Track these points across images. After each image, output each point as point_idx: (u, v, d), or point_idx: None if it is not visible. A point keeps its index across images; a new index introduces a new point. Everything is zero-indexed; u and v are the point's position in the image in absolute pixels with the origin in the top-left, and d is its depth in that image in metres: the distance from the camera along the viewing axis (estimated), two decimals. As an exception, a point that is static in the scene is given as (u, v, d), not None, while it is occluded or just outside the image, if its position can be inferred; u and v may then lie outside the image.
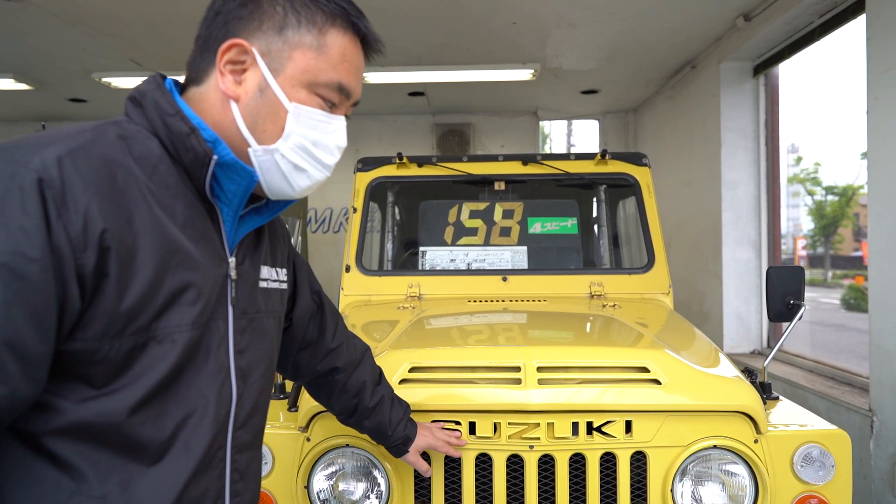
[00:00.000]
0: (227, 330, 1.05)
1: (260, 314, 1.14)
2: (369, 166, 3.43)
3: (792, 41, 4.44)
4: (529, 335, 2.29)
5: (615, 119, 7.89)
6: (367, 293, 3.17)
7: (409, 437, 1.65)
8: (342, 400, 1.56)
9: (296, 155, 1.05)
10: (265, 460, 1.91)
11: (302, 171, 1.07)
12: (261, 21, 1.02)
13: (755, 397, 1.84)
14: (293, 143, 1.04)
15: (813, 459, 1.82)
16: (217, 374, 1.02)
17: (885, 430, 3.17)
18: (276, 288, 1.22)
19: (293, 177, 1.07)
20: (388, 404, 1.61)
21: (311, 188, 1.12)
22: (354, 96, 1.14)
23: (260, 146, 1.04)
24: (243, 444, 1.10)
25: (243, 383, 1.08)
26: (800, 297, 2.26)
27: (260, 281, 1.16)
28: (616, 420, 1.79)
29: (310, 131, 1.05)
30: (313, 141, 1.06)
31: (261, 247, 1.18)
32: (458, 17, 4.63)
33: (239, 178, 1.03)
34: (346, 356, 1.53)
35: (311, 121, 1.05)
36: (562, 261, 3.47)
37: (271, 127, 1.03)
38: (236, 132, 1.04)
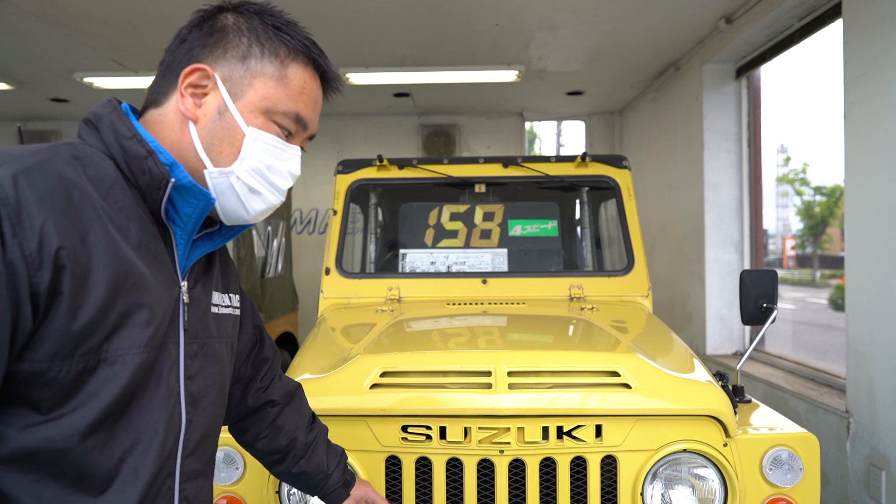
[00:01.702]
0: (178, 354, 1.03)
1: (212, 339, 1.13)
2: (350, 168, 3.42)
3: (773, 44, 4.46)
4: (504, 339, 2.29)
5: (601, 120, 7.91)
6: (347, 296, 3.16)
7: (348, 482, 1.55)
8: (273, 439, 1.45)
9: (251, 178, 1.06)
10: (236, 465, 1.91)
11: (257, 193, 1.08)
12: (225, 49, 1.05)
13: (725, 401, 1.85)
14: (249, 166, 1.06)
15: (782, 462, 1.83)
16: (167, 399, 1.00)
17: (861, 432, 3.19)
18: (228, 314, 1.21)
19: (248, 200, 1.08)
20: (324, 444, 1.52)
21: (265, 213, 1.12)
22: (311, 129, 1.16)
23: (216, 168, 1.05)
24: (192, 472, 1.07)
25: (193, 409, 1.06)
26: (773, 300, 2.27)
27: (212, 306, 1.15)
28: (586, 424, 1.80)
29: (265, 156, 1.07)
30: (268, 165, 1.07)
31: (212, 272, 1.18)
32: (441, 18, 4.63)
33: (195, 201, 1.03)
34: (279, 390, 1.47)
35: (266, 146, 1.07)
36: (542, 263, 3.47)
37: (228, 149, 1.05)
38: (193, 154, 1.04)
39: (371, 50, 5.32)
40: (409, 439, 1.82)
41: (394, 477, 1.86)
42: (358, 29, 4.82)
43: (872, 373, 3.09)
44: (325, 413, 1.86)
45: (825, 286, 27.15)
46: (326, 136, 7.85)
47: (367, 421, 1.84)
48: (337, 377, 1.93)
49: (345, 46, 5.21)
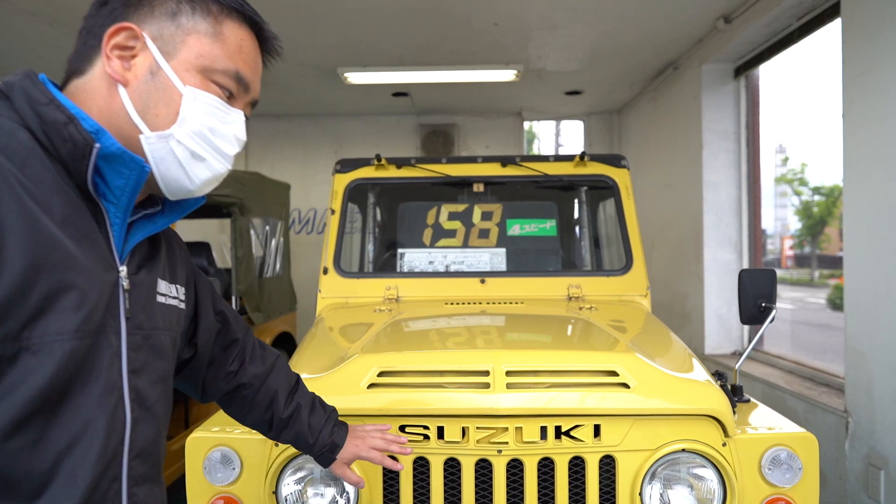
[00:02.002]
0: (119, 346, 0.95)
1: (157, 331, 1.04)
2: (347, 168, 3.42)
3: (771, 43, 4.46)
4: (502, 338, 2.28)
5: (600, 120, 7.91)
6: (345, 295, 3.15)
7: (335, 444, 1.50)
8: (254, 415, 1.45)
9: (193, 142, 0.98)
10: (233, 465, 1.90)
11: (200, 159, 1.00)
12: (151, 8, 0.97)
13: (723, 401, 1.84)
14: (189, 128, 0.98)
15: (780, 462, 1.82)
16: (108, 394, 0.91)
17: (859, 431, 3.19)
18: (173, 305, 1.13)
19: (191, 167, 0.99)
20: (307, 411, 1.48)
21: (210, 182, 1.04)
22: (253, 92, 1.09)
23: (153, 132, 0.96)
24: (140, 475, 0.99)
25: (139, 407, 0.98)
26: (771, 299, 2.26)
27: (158, 295, 1.07)
28: (584, 424, 1.79)
29: (207, 117, 0.99)
30: (211, 128, 1.00)
31: (157, 259, 1.09)
32: (439, 17, 4.62)
33: (127, 171, 0.93)
34: (251, 371, 1.42)
35: (207, 107, 0.99)
36: (540, 263, 3.47)
37: (164, 111, 0.97)
38: (125, 119, 0.96)
39: (369, 49, 5.31)
40: (407, 439, 1.81)
41: (391, 477, 1.85)
42: (356, 28, 4.81)
43: (871, 372, 3.09)
44: (322, 413, 1.85)
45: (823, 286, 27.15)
46: (324, 136, 7.84)
47: (365, 421, 1.83)
48: (334, 377, 1.92)
49: (343, 46, 5.20)
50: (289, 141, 7.86)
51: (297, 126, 7.83)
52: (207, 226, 6.96)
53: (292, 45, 5.19)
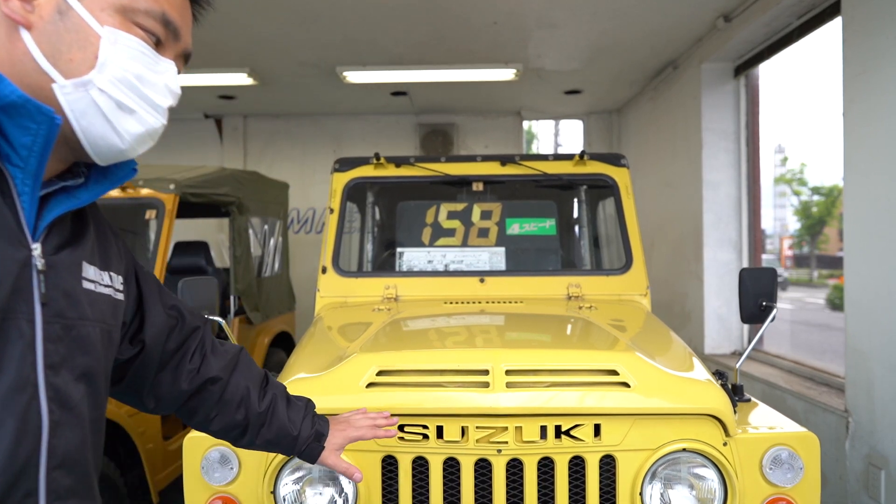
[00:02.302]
0: (33, 335, 0.81)
1: (83, 321, 0.90)
2: (346, 167, 3.41)
3: (771, 42, 4.45)
4: (501, 337, 2.27)
5: (599, 119, 7.90)
6: (344, 295, 3.14)
7: (320, 433, 1.35)
8: (226, 415, 1.26)
9: (117, 90, 0.86)
10: (231, 465, 1.89)
11: (129, 111, 0.87)
12: None
13: (724, 400, 1.83)
14: (112, 74, 0.85)
15: (782, 462, 1.81)
16: (19, 391, 0.79)
17: (860, 431, 3.18)
18: (106, 294, 0.97)
19: (118, 119, 0.87)
20: (284, 403, 1.33)
21: (143, 139, 0.91)
22: (184, 41, 0.96)
23: (68, 80, 0.84)
24: (65, 489, 0.85)
25: (59, 408, 0.84)
26: (772, 298, 2.26)
27: (84, 280, 0.92)
28: (585, 423, 1.78)
29: (132, 63, 0.87)
30: (138, 75, 0.88)
31: (84, 240, 0.94)
32: (439, 16, 4.61)
33: (35, 126, 0.80)
34: (216, 364, 1.26)
35: (132, 51, 0.87)
36: (540, 262, 3.46)
37: (80, 55, 0.84)
38: (32, 67, 0.83)
39: (368, 48, 5.30)
40: (406, 439, 1.80)
41: (390, 477, 1.84)
42: (355, 27, 4.80)
43: (871, 372, 3.08)
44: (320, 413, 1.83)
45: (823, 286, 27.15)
46: (323, 136, 7.83)
47: (364, 420, 1.81)
48: (333, 376, 1.91)
49: (342, 44, 5.19)
50: (287, 140, 7.85)
51: (296, 125, 7.82)
52: (206, 225, 6.94)
53: (291, 44, 5.17)
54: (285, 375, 2.06)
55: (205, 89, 6.42)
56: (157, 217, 3.58)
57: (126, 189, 3.62)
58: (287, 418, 1.31)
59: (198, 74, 5.72)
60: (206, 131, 7.82)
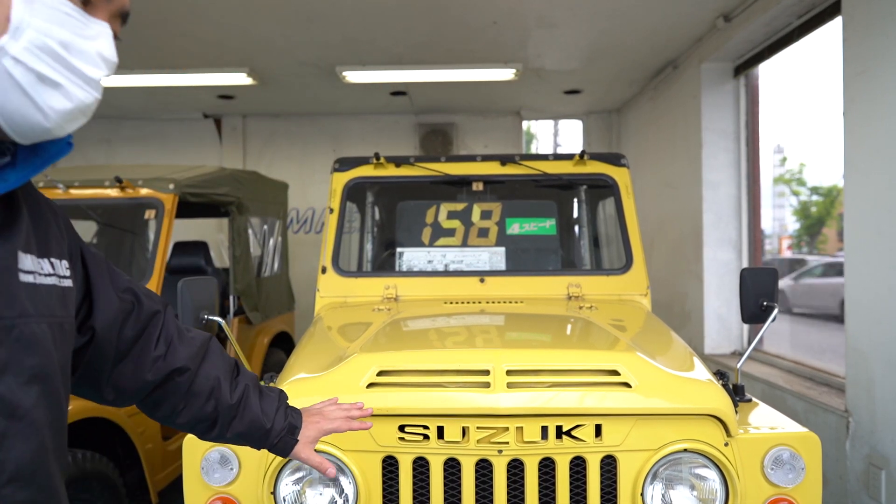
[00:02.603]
0: None
1: (25, 318, 0.81)
2: (346, 166, 3.40)
3: (771, 42, 4.44)
4: (500, 337, 2.27)
5: (599, 119, 7.89)
6: (344, 295, 3.14)
7: (294, 426, 1.26)
8: (194, 407, 1.17)
9: (37, 60, 0.74)
10: (231, 465, 1.88)
11: (53, 84, 0.76)
12: None
13: (726, 400, 1.83)
14: (30, 40, 0.73)
15: (783, 462, 1.80)
16: None
17: (860, 431, 3.18)
18: (49, 284, 0.87)
19: (40, 94, 0.75)
20: (256, 394, 1.24)
21: (73, 115, 0.80)
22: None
23: None
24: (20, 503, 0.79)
25: (6, 418, 0.77)
26: (773, 298, 2.25)
27: (20, 273, 0.82)
28: (586, 424, 1.77)
29: (55, 28, 0.75)
30: (63, 42, 0.76)
31: (16, 228, 0.84)
32: (438, 15, 4.60)
33: None
34: (183, 352, 1.16)
35: (53, 12, 0.75)
36: (540, 262, 3.45)
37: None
38: None
39: (367, 48, 5.29)
40: (407, 439, 1.79)
41: (391, 477, 1.83)
42: (354, 26, 4.79)
43: (872, 372, 3.08)
44: (321, 413, 1.84)
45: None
46: (322, 136, 7.82)
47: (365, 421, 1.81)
48: (333, 376, 1.90)
49: (341, 44, 5.18)
50: (287, 140, 7.84)
51: (295, 125, 7.81)
52: (205, 225, 6.93)
53: (290, 44, 5.17)
54: (285, 375, 2.05)
55: (204, 89, 6.40)
56: (157, 217, 3.58)
57: (125, 189, 3.62)
58: (260, 410, 1.23)
59: (197, 74, 5.71)
60: (205, 131, 7.81)
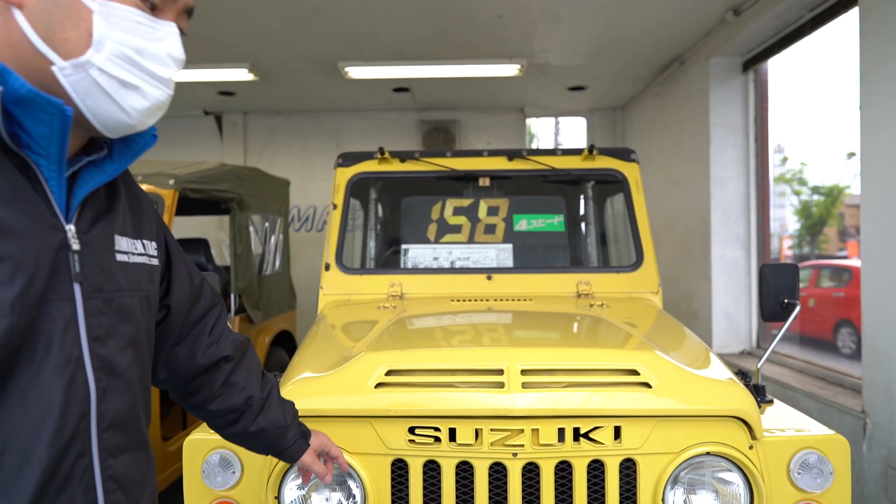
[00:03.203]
0: (74, 313, 0.86)
1: (121, 292, 0.94)
2: (350, 161, 3.32)
3: (782, 36, 4.37)
4: (514, 336, 2.19)
5: (603, 116, 7.82)
6: (348, 292, 3.06)
7: (306, 432, 1.41)
8: (228, 397, 1.27)
9: (118, 67, 0.84)
10: (233, 469, 1.81)
11: (132, 87, 0.86)
12: None
13: (750, 401, 1.75)
14: (110, 51, 0.83)
15: (810, 466, 1.73)
16: (64, 367, 0.84)
17: (878, 433, 3.10)
18: (141, 263, 1.01)
19: (123, 96, 0.85)
20: (278, 397, 1.37)
21: (151, 112, 0.90)
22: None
23: (66, 61, 0.81)
24: (115, 446, 0.92)
25: (106, 375, 0.90)
26: (794, 295, 2.17)
27: (117, 253, 0.96)
28: (604, 426, 1.70)
29: (129, 36, 0.84)
30: (137, 48, 0.85)
31: (115, 212, 0.97)
32: (442, 9, 4.53)
33: (48, 117, 0.80)
34: (230, 344, 1.29)
35: (127, 23, 0.84)
36: (548, 259, 3.38)
37: (74, 34, 0.81)
38: (30, 50, 0.81)
39: (370, 43, 5.21)
40: (417, 441, 1.72)
41: (400, 481, 1.76)
42: (357, 20, 4.72)
43: (890, 371, 3.00)
44: (327, 413, 1.76)
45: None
46: (324, 132, 7.75)
47: (372, 422, 1.74)
48: (339, 376, 1.82)
49: (343, 39, 5.10)
50: (287, 137, 7.77)
51: (297, 122, 7.74)
52: (206, 222, 6.86)
53: (292, 39, 5.09)
54: (290, 375, 1.98)
55: (204, 85, 6.32)
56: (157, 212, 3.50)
57: (124, 184, 3.54)
58: (282, 409, 1.35)
59: (197, 70, 5.64)
60: (205, 128, 7.74)
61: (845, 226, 32.41)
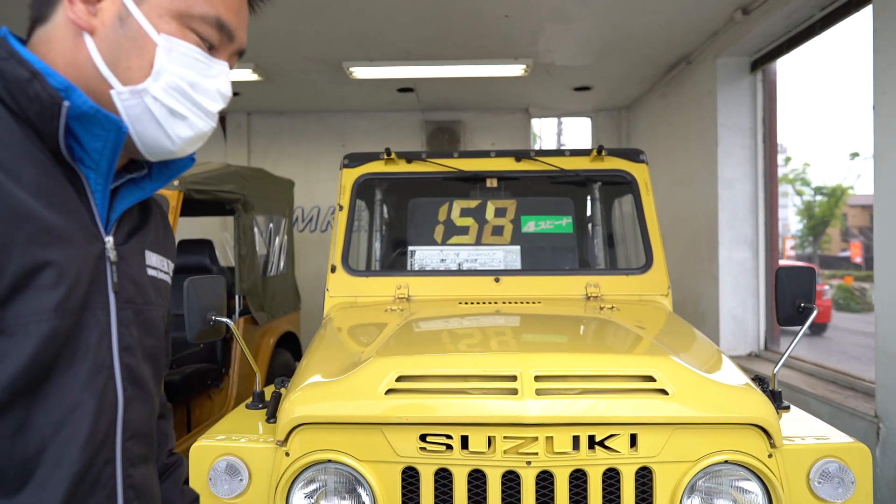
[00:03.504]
0: (108, 322, 0.88)
1: (150, 306, 0.97)
2: (356, 162, 3.29)
3: (791, 35, 4.32)
4: (525, 340, 2.16)
5: (608, 117, 7.78)
6: (354, 294, 3.02)
7: None
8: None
9: (170, 98, 0.89)
10: (240, 476, 1.78)
11: (181, 117, 0.91)
12: None
13: (769, 408, 1.71)
14: (166, 82, 0.88)
15: (831, 475, 1.69)
16: (97, 374, 0.85)
17: (892, 437, 3.05)
18: (164, 280, 1.05)
19: (170, 125, 0.90)
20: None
21: (193, 141, 0.94)
22: (238, 41, 0.97)
23: (125, 87, 0.87)
24: (137, 457, 0.93)
25: (131, 385, 0.91)
26: (810, 299, 2.14)
27: (148, 269, 0.99)
28: (620, 433, 1.66)
29: (186, 70, 0.89)
30: (191, 82, 0.90)
31: (148, 229, 1.02)
32: (448, 8, 4.49)
33: (104, 133, 0.85)
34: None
35: (186, 58, 0.89)
36: (556, 261, 3.34)
37: (137, 63, 0.87)
38: (94, 73, 0.86)
39: (375, 43, 5.18)
40: (428, 449, 1.68)
41: (411, 490, 1.72)
42: (362, 20, 4.68)
43: (904, 376, 2.96)
44: (336, 420, 1.73)
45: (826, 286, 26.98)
46: (328, 133, 7.72)
47: (383, 429, 1.70)
48: (349, 382, 1.79)
49: (348, 39, 5.07)
50: (292, 138, 7.73)
51: (301, 122, 7.70)
52: (210, 223, 6.82)
53: (296, 39, 5.06)
54: (297, 380, 1.94)
55: (208, 85, 6.29)
56: (160, 214, 3.46)
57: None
58: None
59: (201, 69, 5.60)
60: (208, 128, 7.70)
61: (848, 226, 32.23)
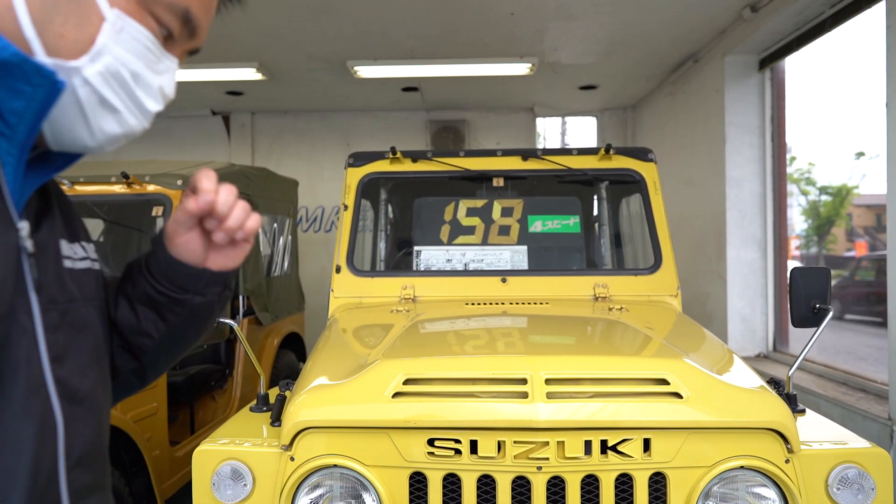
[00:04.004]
0: (34, 328, 0.71)
1: (75, 303, 0.79)
2: (361, 161, 3.25)
3: (801, 33, 4.27)
4: (534, 342, 2.12)
5: (613, 116, 7.73)
6: (359, 295, 2.99)
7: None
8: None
9: (105, 85, 0.73)
10: (244, 481, 1.74)
11: (112, 110, 0.74)
12: None
13: (786, 412, 1.67)
14: (105, 66, 0.72)
15: (850, 481, 1.65)
16: (33, 394, 0.69)
17: (905, 440, 3.01)
18: (85, 268, 0.85)
19: (97, 116, 0.74)
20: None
21: (117, 139, 0.78)
22: (199, 37, 0.84)
23: (50, 59, 0.69)
24: (85, 487, 0.78)
25: (69, 403, 0.75)
26: (826, 300, 2.09)
27: (65, 259, 0.81)
28: (633, 438, 1.62)
29: (132, 58, 0.75)
30: (134, 72, 0.75)
31: (52, 212, 0.82)
32: (453, 7, 4.45)
33: (29, 89, 0.67)
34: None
35: (135, 44, 0.75)
36: (564, 261, 3.30)
37: (74, 33, 0.70)
38: (10, 27, 0.68)
39: (379, 42, 5.14)
40: (437, 454, 1.64)
41: (419, 495, 1.68)
42: (366, 18, 4.64)
43: (918, 378, 2.91)
44: (342, 424, 1.69)
45: (831, 286, 26.78)
46: (332, 132, 7.69)
47: (390, 433, 1.66)
48: (355, 384, 1.75)
49: (352, 37, 5.03)
50: (295, 137, 7.70)
51: (305, 122, 7.67)
52: (213, 224, 6.79)
53: (300, 38, 5.02)
54: (303, 383, 1.90)
55: (212, 84, 6.26)
56: (164, 214, 3.43)
57: (132, 185, 3.48)
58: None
59: (205, 69, 5.58)
60: (213, 128, 7.68)
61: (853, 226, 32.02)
